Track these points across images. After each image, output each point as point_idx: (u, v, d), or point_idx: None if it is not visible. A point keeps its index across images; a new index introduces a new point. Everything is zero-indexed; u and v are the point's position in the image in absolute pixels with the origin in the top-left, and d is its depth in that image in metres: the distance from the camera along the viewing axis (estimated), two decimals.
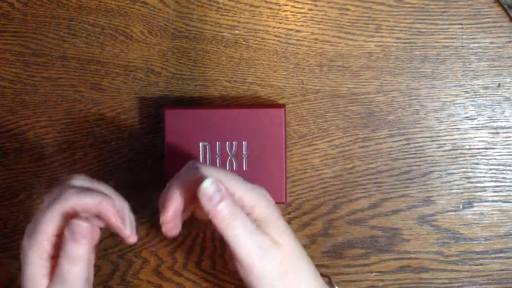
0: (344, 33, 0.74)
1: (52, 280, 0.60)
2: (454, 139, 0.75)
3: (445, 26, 0.74)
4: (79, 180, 0.62)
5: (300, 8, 0.74)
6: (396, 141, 0.75)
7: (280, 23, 0.75)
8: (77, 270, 0.59)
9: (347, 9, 0.74)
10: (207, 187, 0.59)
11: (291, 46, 0.75)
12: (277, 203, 0.72)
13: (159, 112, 0.75)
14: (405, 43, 0.74)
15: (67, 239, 0.59)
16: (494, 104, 0.75)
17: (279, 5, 0.74)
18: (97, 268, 0.76)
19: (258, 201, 0.62)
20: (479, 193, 0.75)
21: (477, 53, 0.74)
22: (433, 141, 0.75)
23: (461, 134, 0.75)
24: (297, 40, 0.75)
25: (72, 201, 0.59)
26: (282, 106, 0.73)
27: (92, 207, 0.60)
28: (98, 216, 0.61)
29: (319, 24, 0.75)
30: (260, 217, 0.62)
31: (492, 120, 0.75)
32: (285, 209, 0.75)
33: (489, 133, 0.75)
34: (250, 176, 0.71)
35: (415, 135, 0.75)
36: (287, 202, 0.75)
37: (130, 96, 0.75)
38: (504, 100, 0.74)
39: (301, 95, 0.75)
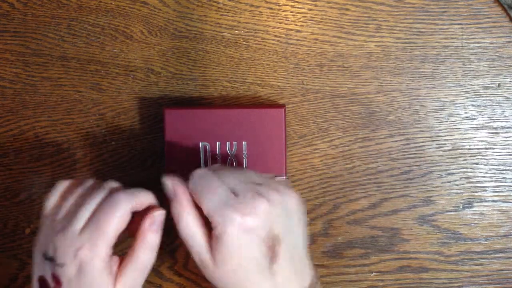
0: (344, 33, 0.74)
1: (124, 271, 0.61)
2: (454, 139, 0.75)
3: (445, 26, 0.74)
4: (114, 184, 0.64)
5: (300, 8, 0.74)
6: (396, 141, 0.75)
7: (280, 23, 0.75)
8: (153, 257, 0.62)
9: (347, 9, 0.74)
10: (165, 185, 0.63)
11: (291, 46, 0.75)
12: None
13: (159, 112, 0.75)
14: (405, 43, 0.74)
15: (148, 230, 0.62)
16: (494, 104, 0.75)
17: (279, 5, 0.74)
18: None
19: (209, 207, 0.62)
20: (479, 193, 0.75)
21: (477, 53, 0.74)
22: (433, 141, 0.75)
23: (461, 134, 0.75)
24: (297, 40, 0.75)
25: (131, 203, 0.61)
26: (282, 106, 0.73)
27: (146, 202, 0.63)
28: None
29: (319, 24, 0.75)
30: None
31: (492, 120, 0.75)
32: None
33: (489, 133, 0.75)
34: None
35: (415, 135, 0.75)
36: None
37: (130, 96, 0.75)
38: (504, 100, 0.75)
39: (301, 95, 0.75)
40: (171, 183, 0.63)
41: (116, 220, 0.60)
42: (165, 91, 0.75)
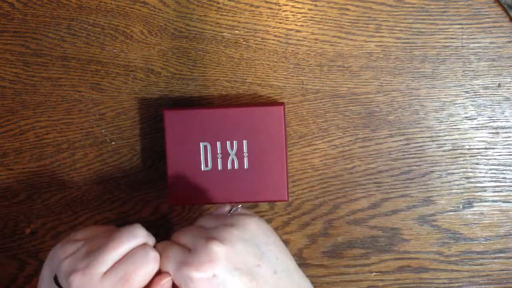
0: (344, 33, 0.74)
1: None
2: (454, 139, 0.75)
3: (445, 26, 0.74)
4: (142, 233, 0.64)
5: (300, 8, 0.74)
6: (396, 141, 0.75)
7: (280, 23, 0.75)
8: None
9: (347, 9, 0.74)
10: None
11: (291, 46, 0.75)
12: (279, 201, 0.72)
13: (159, 112, 0.75)
14: (405, 43, 0.74)
15: None
16: (494, 104, 0.75)
17: (279, 5, 0.74)
18: None
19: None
20: (479, 193, 0.75)
21: (477, 53, 0.74)
22: (433, 141, 0.75)
23: (461, 134, 0.75)
24: (297, 40, 0.75)
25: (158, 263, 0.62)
26: (281, 103, 0.73)
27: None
28: None
29: (319, 24, 0.75)
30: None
31: (492, 120, 0.75)
32: (285, 209, 0.75)
33: (489, 133, 0.75)
34: (252, 175, 0.71)
35: (415, 135, 0.75)
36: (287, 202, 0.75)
37: (130, 96, 0.75)
38: (504, 100, 0.75)
39: (301, 95, 0.75)
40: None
41: (144, 277, 0.60)
42: (165, 91, 0.75)
